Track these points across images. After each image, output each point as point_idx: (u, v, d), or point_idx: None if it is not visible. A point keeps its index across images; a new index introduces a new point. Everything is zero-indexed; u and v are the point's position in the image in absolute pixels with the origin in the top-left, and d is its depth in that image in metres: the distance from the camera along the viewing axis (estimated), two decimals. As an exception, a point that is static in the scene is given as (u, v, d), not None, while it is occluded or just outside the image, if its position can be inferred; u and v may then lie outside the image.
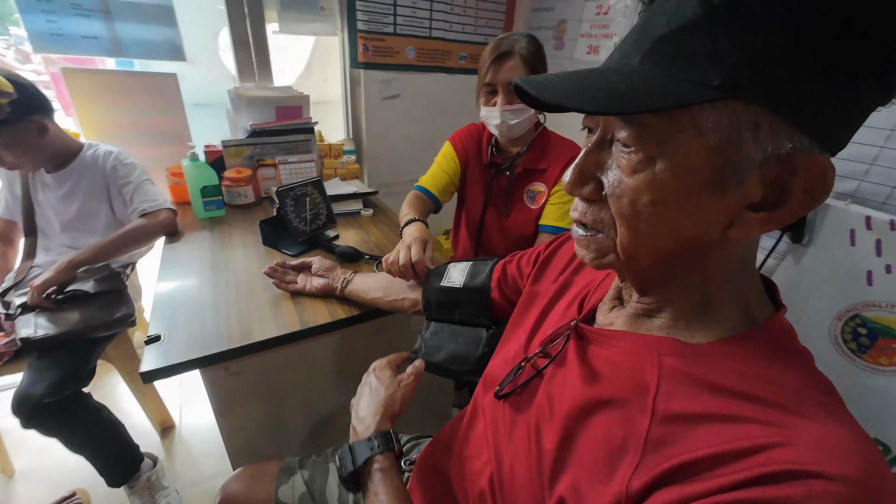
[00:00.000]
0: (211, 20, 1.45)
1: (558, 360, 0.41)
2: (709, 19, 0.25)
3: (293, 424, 0.93)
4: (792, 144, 0.26)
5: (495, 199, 1.11)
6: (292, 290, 0.88)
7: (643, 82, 0.27)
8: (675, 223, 0.29)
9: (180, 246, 1.08)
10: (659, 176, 0.28)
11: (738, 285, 0.33)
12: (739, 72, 0.24)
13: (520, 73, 0.91)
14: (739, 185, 0.27)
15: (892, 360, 0.85)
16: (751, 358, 0.30)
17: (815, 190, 0.27)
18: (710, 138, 0.26)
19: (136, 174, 1.14)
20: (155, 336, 0.74)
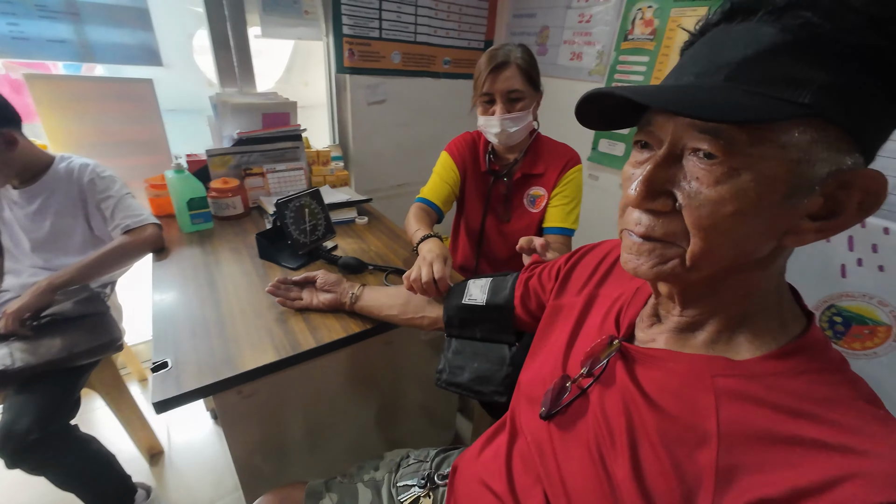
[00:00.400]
0: (184, 22, 1.38)
1: (605, 380, 0.41)
2: (793, 45, 0.28)
3: (306, 442, 0.90)
4: (852, 161, 0.29)
5: (494, 206, 1.13)
6: (298, 308, 0.85)
7: (738, 97, 0.29)
8: (749, 232, 0.31)
9: (170, 263, 1.02)
10: (744, 186, 0.30)
11: (774, 298, 0.35)
12: (823, 94, 0.27)
13: (516, 81, 0.93)
14: (808, 195, 0.30)
15: (865, 345, 0.93)
16: (800, 373, 0.32)
17: (868, 203, 0.30)
18: (791, 152, 0.29)
19: (117, 188, 1.07)
20: (161, 363, 0.70)
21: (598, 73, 1.52)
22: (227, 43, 1.36)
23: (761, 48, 0.29)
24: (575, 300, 0.53)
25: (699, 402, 0.34)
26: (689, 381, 0.35)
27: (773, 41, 0.28)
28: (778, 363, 0.33)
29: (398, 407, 1.07)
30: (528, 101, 0.96)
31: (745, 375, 0.33)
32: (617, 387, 0.40)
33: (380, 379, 0.98)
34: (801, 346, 0.33)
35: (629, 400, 0.38)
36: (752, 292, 0.34)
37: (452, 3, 1.70)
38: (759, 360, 0.33)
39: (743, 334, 0.35)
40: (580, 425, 0.42)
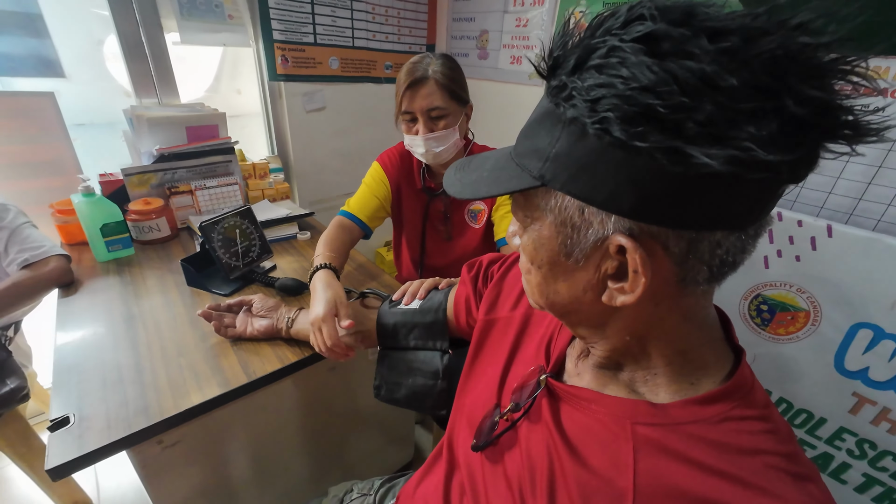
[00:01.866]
0: (90, 27, 1.25)
1: (533, 416, 0.40)
2: (539, 119, 0.30)
3: (244, 483, 0.84)
4: (618, 225, 0.28)
5: (434, 224, 1.08)
6: (231, 336, 0.79)
7: (500, 170, 0.33)
8: (550, 284, 0.34)
9: (80, 298, 0.91)
10: (526, 243, 0.34)
11: (681, 339, 0.33)
12: (551, 164, 0.29)
13: (436, 98, 0.86)
14: (588, 257, 0.30)
15: (789, 331, 1.00)
16: (721, 421, 0.31)
17: (640, 272, 0.28)
18: (549, 217, 0.31)
19: (10, 217, 0.94)
20: (62, 419, 0.61)
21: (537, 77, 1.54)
22: (142, 50, 1.25)
23: (535, 114, 0.31)
24: (510, 316, 0.52)
25: (619, 453, 0.33)
26: (609, 427, 0.34)
27: (539, 107, 0.31)
28: (699, 409, 0.31)
29: (353, 430, 1.02)
30: (451, 118, 0.90)
31: (664, 424, 0.32)
32: (542, 426, 0.39)
33: (329, 405, 0.93)
34: (725, 392, 0.32)
35: (552, 444, 0.37)
36: (640, 336, 0.33)
37: (390, 6, 1.66)
38: (681, 406, 0.32)
39: (658, 374, 0.34)
40: (507, 460, 0.41)
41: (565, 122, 0.27)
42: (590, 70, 0.26)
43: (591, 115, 0.25)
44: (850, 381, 0.92)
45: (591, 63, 0.26)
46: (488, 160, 0.36)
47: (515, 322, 0.50)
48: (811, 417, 1.01)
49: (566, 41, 0.28)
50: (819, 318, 0.94)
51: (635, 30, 0.24)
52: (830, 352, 0.94)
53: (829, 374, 0.95)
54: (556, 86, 0.28)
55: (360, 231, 1.01)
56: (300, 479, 0.94)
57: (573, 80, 0.26)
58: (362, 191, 1.04)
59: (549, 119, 0.29)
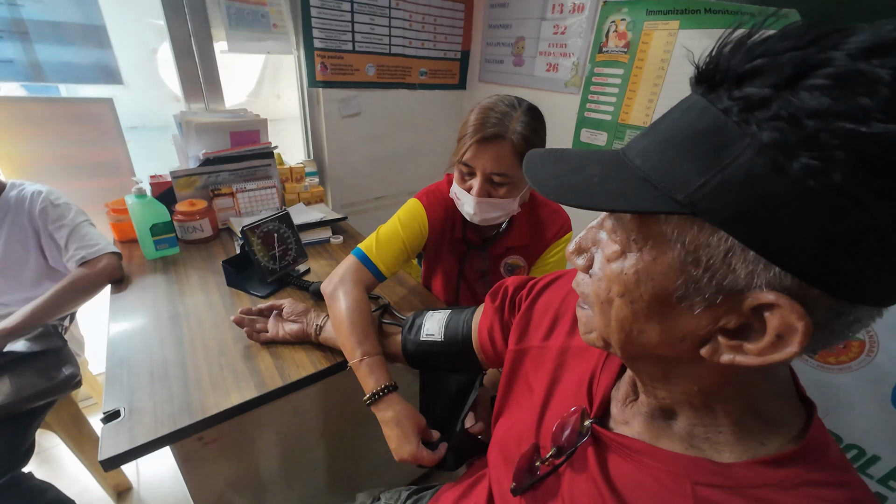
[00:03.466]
0: (146, 36, 1.33)
1: (576, 465, 0.38)
2: (698, 132, 0.25)
3: (273, 482, 0.86)
4: (773, 280, 0.23)
5: (469, 282, 0.98)
6: (263, 341, 0.81)
7: (618, 181, 0.27)
8: (640, 323, 0.29)
9: (130, 294, 0.97)
10: (626, 271, 0.29)
11: (757, 399, 0.30)
12: (708, 191, 0.23)
13: (506, 164, 0.73)
14: (708, 305, 0.26)
15: (840, 360, 0.94)
16: (795, 487, 0.28)
17: (787, 339, 0.24)
18: (674, 249, 0.26)
19: (71, 216, 1.01)
20: (113, 412, 0.65)
21: (573, 84, 1.51)
22: (192, 58, 1.31)
23: (679, 127, 0.26)
24: (543, 346, 0.49)
25: None
26: (666, 484, 0.31)
27: (692, 120, 0.25)
28: (769, 472, 0.28)
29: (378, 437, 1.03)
30: (515, 187, 0.76)
31: (730, 487, 0.29)
32: (587, 476, 0.36)
33: (357, 411, 0.94)
34: (797, 453, 0.29)
35: (599, 498, 0.35)
36: (711, 392, 0.30)
37: (427, 14, 1.68)
38: (747, 466, 0.29)
39: (724, 432, 0.31)
40: None
41: (750, 146, 0.22)
42: (811, 90, 0.20)
43: (808, 148, 0.20)
44: (910, 418, 0.85)
45: (814, 81, 0.20)
46: (590, 161, 0.30)
47: (551, 354, 0.48)
48: (862, 454, 0.94)
49: (754, 47, 0.23)
50: (875, 349, 0.88)
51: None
52: (888, 385, 0.87)
53: (884, 409, 0.88)
54: (743, 97, 0.22)
55: (375, 280, 0.83)
56: (326, 481, 0.96)
57: (785, 97, 0.21)
58: (391, 233, 0.85)
59: (715, 136, 0.23)
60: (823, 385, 0.97)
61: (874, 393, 0.89)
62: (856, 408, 0.93)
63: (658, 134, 0.27)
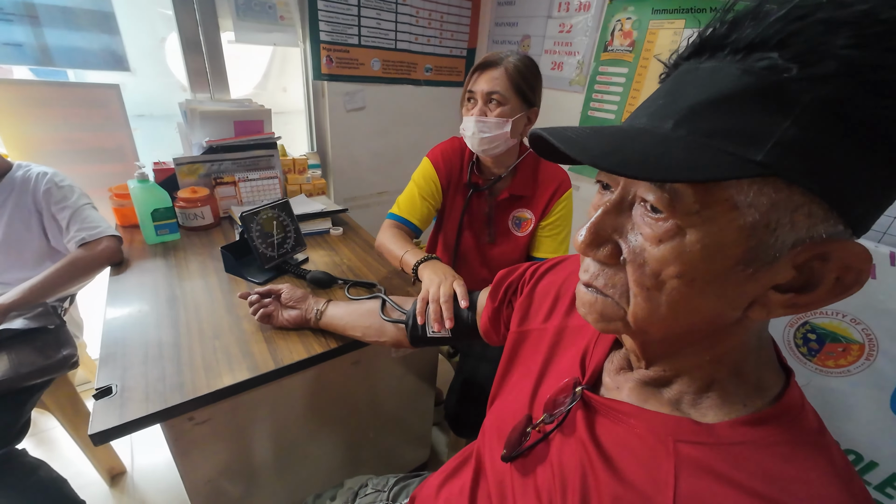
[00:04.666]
0: (155, 25, 1.34)
1: (566, 429, 0.39)
2: (754, 91, 0.24)
3: (264, 467, 0.86)
4: (828, 230, 0.25)
5: (475, 225, 1.05)
6: (265, 322, 0.82)
7: (680, 149, 0.25)
8: (698, 300, 0.28)
9: (129, 276, 0.98)
10: (689, 248, 0.26)
11: (750, 362, 0.32)
12: (783, 150, 0.23)
13: (499, 84, 0.86)
14: (771, 265, 0.26)
15: (839, 363, 0.93)
16: (771, 444, 0.29)
17: (847, 280, 0.26)
18: (746, 214, 0.25)
19: (74, 198, 1.02)
20: (106, 388, 0.66)
21: (578, 83, 1.51)
22: (199, 48, 1.32)
23: (718, 92, 0.25)
24: (543, 328, 0.50)
25: (658, 469, 0.31)
26: (649, 442, 0.32)
27: (732, 85, 0.25)
28: (748, 430, 0.30)
29: (372, 426, 1.03)
30: (509, 108, 0.87)
31: (709, 443, 0.30)
32: (576, 438, 0.38)
33: (350, 398, 0.94)
34: (775, 413, 0.30)
35: (585, 457, 0.36)
36: (720, 359, 0.31)
37: (434, 10, 1.69)
38: (728, 426, 0.30)
39: (712, 396, 0.32)
40: (539, 472, 0.40)
41: (813, 101, 0.23)
42: (860, 47, 0.22)
43: (871, 100, 0.22)
44: (909, 424, 0.84)
45: (861, 39, 0.22)
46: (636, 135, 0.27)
47: (548, 334, 0.49)
48: (860, 459, 0.93)
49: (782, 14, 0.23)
50: (875, 353, 0.87)
51: None
52: (887, 390, 0.86)
53: (883, 414, 0.87)
54: (796, 56, 0.23)
55: (412, 233, 1.01)
56: (318, 468, 0.96)
57: (839, 53, 0.22)
58: (411, 191, 1.03)
59: (769, 94, 0.24)
60: (823, 390, 0.96)
61: (873, 398, 0.88)
62: (854, 413, 0.92)
63: (690, 102, 0.26)
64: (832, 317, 0.92)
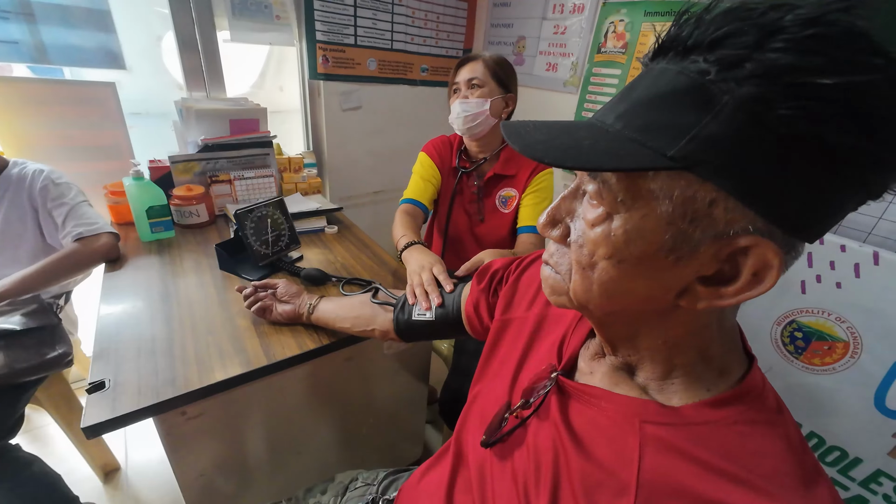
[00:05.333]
0: (151, 23, 1.35)
1: (542, 413, 0.40)
2: (681, 93, 0.26)
3: (257, 463, 0.87)
4: (747, 225, 0.26)
5: (465, 205, 1.14)
6: (259, 315, 0.83)
7: (606, 142, 0.28)
8: (627, 281, 0.30)
9: (124, 273, 0.98)
10: (614, 232, 0.29)
11: (710, 346, 0.33)
12: (697, 147, 0.25)
13: (478, 71, 1.00)
14: (693, 255, 0.28)
15: (825, 361, 0.94)
16: (732, 423, 0.31)
17: (762, 275, 0.27)
18: (663, 205, 0.27)
19: (72, 195, 1.03)
20: (99, 383, 0.66)
21: (572, 84, 1.52)
22: (195, 46, 1.33)
23: (656, 91, 0.27)
24: (525, 316, 0.52)
25: (625, 447, 0.33)
26: (617, 422, 0.34)
27: (667, 84, 0.27)
28: (711, 411, 0.31)
29: (365, 422, 1.04)
30: (486, 89, 1.00)
31: (673, 423, 0.32)
32: (550, 422, 0.39)
33: (343, 394, 0.95)
34: (736, 395, 0.32)
35: (558, 438, 0.37)
36: (677, 344, 0.33)
37: (430, 11, 1.70)
38: (692, 408, 0.32)
39: (676, 382, 0.34)
40: (516, 457, 0.42)
41: (730, 102, 0.24)
42: (776, 51, 0.23)
43: (783, 100, 0.23)
44: (892, 421, 0.86)
45: (777, 44, 0.23)
46: (573, 127, 0.30)
47: (530, 322, 0.50)
48: (845, 456, 0.94)
49: (718, 17, 0.25)
50: (859, 351, 0.88)
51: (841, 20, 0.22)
52: (870, 387, 0.88)
53: (867, 411, 0.89)
54: (719, 59, 0.24)
55: (423, 214, 1.11)
56: (311, 464, 0.97)
57: (758, 58, 0.23)
58: (415, 179, 1.14)
59: (695, 95, 0.25)
60: (809, 387, 0.97)
61: (857, 395, 0.89)
62: (840, 410, 0.93)
63: (634, 99, 0.29)
64: (818, 315, 0.94)
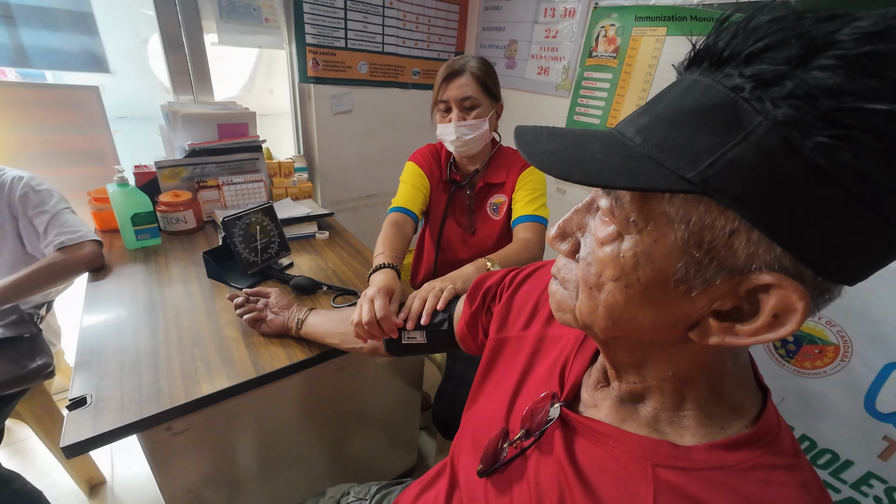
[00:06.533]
0: (136, 26, 1.32)
1: (543, 446, 0.38)
2: (707, 110, 0.23)
3: (247, 476, 0.85)
4: (772, 261, 0.23)
5: (458, 217, 1.12)
6: (252, 325, 0.81)
7: (621, 157, 0.26)
8: (633, 309, 0.28)
9: (108, 282, 0.96)
10: (623, 254, 0.27)
11: (728, 384, 0.31)
12: (717, 171, 0.23)
13: (470, 89, 0.93)
14: (706, 288, 0.26)
15: (816, 365, 0.95)
16: (749, 469, 0.29)
17: (783, 319, 0.24)
18: (678, 230, 0.25)
19: (53, 202, 1.00)
20: (80, 399, 0.64)
21: (564, 87, 1.52)
22: (182, 49, 1.30)
23: (681, 105, 0.25)
24: (522, 336, 0.50)
25: (637, 494, 0.31)
26: (628, 465, 0.32)
27: (695, 99, 0.24)
28: (725, 455, 0.29)
29: (357, 432, 1.02)
30: (483, 108, 0.96)
31: (688, 468, 0.30)
32: (554, 458, 0.37)
33: (335, 404, 0.93)
34: (752, 437, 0.30)
35: (563, 478, 0.35)
36: (688, 377, 0.31)
37: (421, 14, 1.69)
38: (706, 449, 0.30)
39: (688, 417, 0.32)
40: (515, 490, 0.40)
41: (762, 124, 0.21)
42: (823, 69, 0.20)
43: (823, 126, 0.20)
44: (882, 423, 0.86)
45: (825, 62, 0.20)
46: (588, 138, 0.28)
47: (528, 343, 0.48)
48: (836, 458, 0.95)
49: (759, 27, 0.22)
50: (849, 354, 0.89)
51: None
52: (861, 391, 0.88)
53: (858, 414, 0.89)
54: (754, 74, 0.22)
55: (412, 222, 1.05)
56: (302, 477, 0.95)
57: (800, 76, 0.20)
58: (404, 188, 1.09)
59: (724, 113, 0.23)
60: (800, 391, 0.98)
61: (848, 398, 0.90)
62: (830, 413, 0.94)
63: (657, 112, 0.26)
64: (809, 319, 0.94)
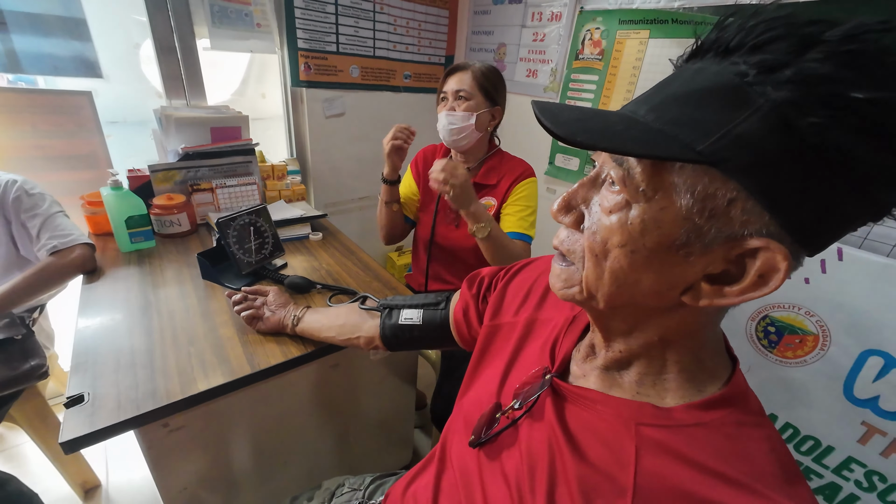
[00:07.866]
0: (128, 31, 1.33)
1: (535, 415, 0.41)
2: (718, 91, 0.26)
3: (243, 474, 0.86)
4: (761, 228, 0.27)
5: (446, 213, 1.13)
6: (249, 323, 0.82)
7: (638, 130, 0.28)
8: (637, 273, 0.30)
9: (102, 285, 0.96)
10: (631, 221, 0.30)
11: (703, 348, 0.34)
12: (726, 145, 0.25)
13: (465, 83, 0.99)
14: (703, 253, 0.28)
15: (797, 354, 0.98)
16: (720, 426, 0.32)
17: (767, 278, 0.27)
18: (683, 199, 0.28)
19: (46, 206, 1.00)
20: (77, 396, 0.65)
21: (552, 89, 1.56)
22: (174, 54, 1.32)
23: (692, 87, 0.28)
24: (514, 321, 0.52)
25: (621, 450, 0.33)
26: (614, 426, 0.35)
27: (705, 82, 0.27)
28: (702, 413, 0.33)
29: (352, 428, 1.04)
30: (473, 102, 0.99)
31: (668, 426, 0.33)
32: (544, 423, 0.39)
33: (330, 402, 0.95)
34: (724, 397, 0.33)
35: (554, 441, 0.38)
36: (671, 342, 0.34)
37: (412, 19, 1.72)
38: (684, 409, 0.33)
39: (669, 380, 0.35)
40: (506, 457, 0.42)
41: (765, 105, 0.25)
42: (815, 61, 0.24)
43: (817, 108, 0.23)
44: (860, 409, 0.89)
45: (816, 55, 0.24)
46: (607, 113, 0.31)
47: (518, 326, 0.51)
48: (818, 445, 0.98)
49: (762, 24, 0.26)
50: (828, 343, 0.92)
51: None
52: (839, 378, 0.91)
53: (837, 401, 0.92)
54: (759, 62, 0.25)
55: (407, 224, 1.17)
56: (299, 473, 0.96)
57: (798, 64, 0.24)
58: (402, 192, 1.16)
59: (731, 94, 0.26)
60: (782, 380, 1.01)
61: (828, 386, 0.93)
62: (812, 401, 0.97)
63: (668, 94, 0.29)
64: (789, 310, 0.97)
